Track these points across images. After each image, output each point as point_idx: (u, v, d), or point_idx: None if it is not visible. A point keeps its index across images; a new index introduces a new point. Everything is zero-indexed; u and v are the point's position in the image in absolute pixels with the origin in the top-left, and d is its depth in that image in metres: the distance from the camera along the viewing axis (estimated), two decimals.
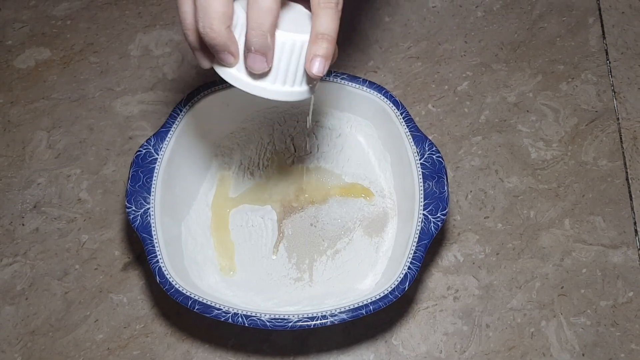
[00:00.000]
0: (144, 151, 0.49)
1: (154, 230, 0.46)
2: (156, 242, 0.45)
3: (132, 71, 0.62)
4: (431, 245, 0.48)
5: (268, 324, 0.42)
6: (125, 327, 0.51)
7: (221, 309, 0.43)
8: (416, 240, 0.45)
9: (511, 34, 0.64)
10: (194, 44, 0.39)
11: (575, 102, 0.60)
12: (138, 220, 0.46)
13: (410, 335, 0.51)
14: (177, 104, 0.51)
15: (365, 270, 0.50)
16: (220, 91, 0.51)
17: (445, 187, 0.47)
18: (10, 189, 0.56)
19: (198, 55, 0.39)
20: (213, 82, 0.51)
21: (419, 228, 0.46)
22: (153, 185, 0.48)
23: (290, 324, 0.42)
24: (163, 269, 0.44)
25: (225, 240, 0.52)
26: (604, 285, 0.52)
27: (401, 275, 0.44)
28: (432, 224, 0.46)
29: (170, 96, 0.60)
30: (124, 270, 0.53)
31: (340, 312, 0.43)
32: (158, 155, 0.49)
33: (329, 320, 0.42)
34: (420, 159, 0.49)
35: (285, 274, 0.51)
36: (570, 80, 0.61)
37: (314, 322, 0.42)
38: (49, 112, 0.60)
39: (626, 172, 0.57)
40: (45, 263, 0.53)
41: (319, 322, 0.42)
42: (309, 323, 0.42)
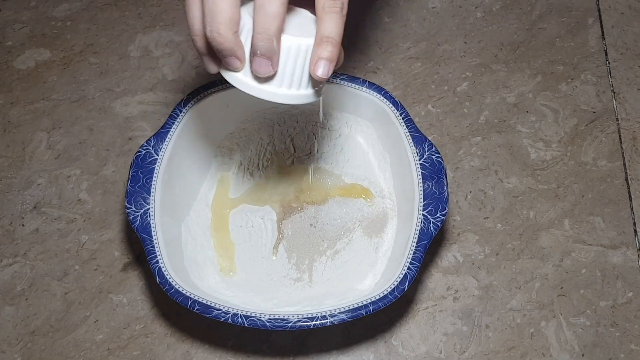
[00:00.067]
0: (143, 152, 0.49)
1: (153, 231, 0.46)
2: (156, 243, 0.45)
3: (132, 72, 0.62)
4: (431, 245, 0.48)
5: (268, 324, 0.42)
6: (125, 328, 0.51)
7: (221, 310, 0.43)
8: (416, 240, 0.45)
9: (511, 35, 0.64)
10: (201, 49, 0.39)
11: (575, 103, 0.60)
12: (138, 221, 0.46)
13: (410, 335, 0.51)
14: (177, 105, 0.51)
15: (364, 270, 0.50)
16: (220, 92, 0.51)
17: (445, 188, 0.47)
18: (10, 190, 0.56)
19: (205, 60, 0.40)
20: (213, 83, 0.51)
21: (419, 228, 0.46)
22: (153, 186, 0.48)
23: (290, 325, 0.42)
24: (163, 269, 0.44)
25: (225, 240, 0.52)
26: (604, 285, 0.52)
27: (401, 276, 0.44)
28: (432, 224, 0.46)
29: (170, 97, 0.61)
30: (124, 270, 0.53)
31: (340, 313, 0.43)
32: (158, 155, 0.49)
33: (328, 320, 0.42)
34: (419, 160, 0.49)
35: (285, 275, 0.51)
36: (569, 80, 0.61)
37: (313, 322, 0.42)
38: (49, 113, 0.60)
39: (626, 173, 0.57)
40: (45, 263, 0.53)
41: (318, 322, 0.42)
42: (308, 323, 0.42)
